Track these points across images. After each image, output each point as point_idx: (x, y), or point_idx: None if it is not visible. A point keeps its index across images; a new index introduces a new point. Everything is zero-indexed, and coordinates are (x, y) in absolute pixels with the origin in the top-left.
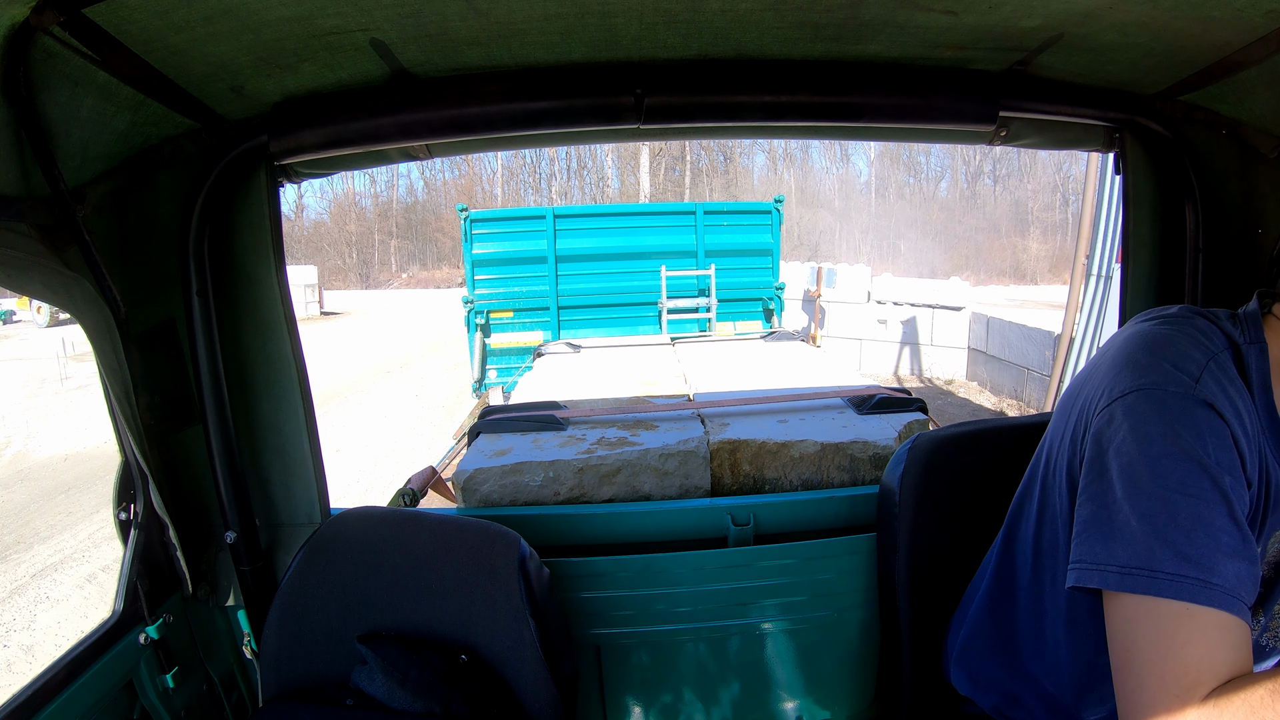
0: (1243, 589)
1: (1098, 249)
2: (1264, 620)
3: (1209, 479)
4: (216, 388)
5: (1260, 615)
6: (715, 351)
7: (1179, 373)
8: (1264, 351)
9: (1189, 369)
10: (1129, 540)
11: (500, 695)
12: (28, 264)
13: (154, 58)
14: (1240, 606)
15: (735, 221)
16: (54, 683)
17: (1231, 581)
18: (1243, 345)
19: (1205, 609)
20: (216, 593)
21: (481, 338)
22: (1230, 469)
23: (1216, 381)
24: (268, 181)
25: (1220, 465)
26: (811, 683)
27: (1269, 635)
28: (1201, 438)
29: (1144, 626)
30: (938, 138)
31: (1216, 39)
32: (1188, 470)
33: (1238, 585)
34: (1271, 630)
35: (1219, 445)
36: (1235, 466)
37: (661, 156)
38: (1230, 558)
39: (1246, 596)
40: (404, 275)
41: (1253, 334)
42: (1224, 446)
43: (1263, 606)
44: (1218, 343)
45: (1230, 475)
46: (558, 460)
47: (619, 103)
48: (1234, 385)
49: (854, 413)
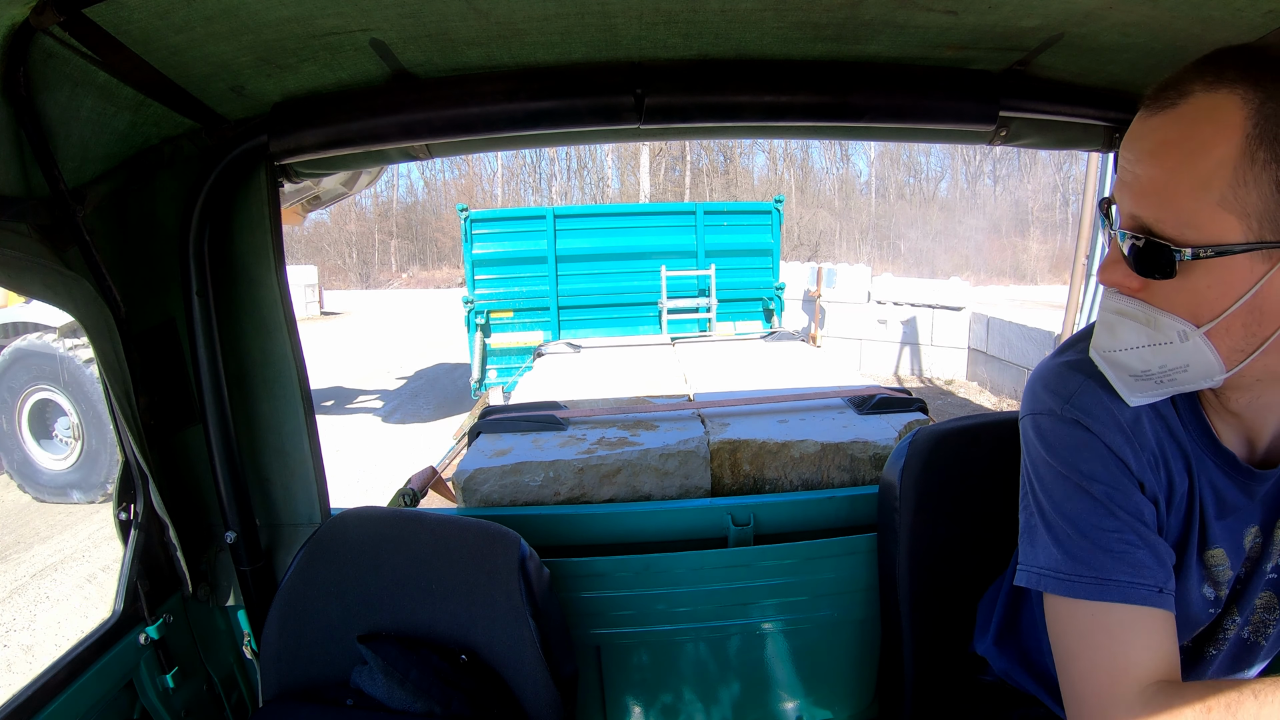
0: (1146, 576)
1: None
2: (1242, 616)
3: (1082, 489)
4: (216, 388)
5: (1236, 612)
6: (715, 351)
7: (1054, 397)
8: None
9: (1062, 391)
10: (1043, 545)
11: (500, 695)
12: (28, 264)
13: (154, 58)
14: (1146, 594)
15: (735, 221)
16: (54, 683)
17: (1128, 575)
18: None
19: (1115, 605)
20: (216, 593)
21: (481, 338)
22: (1103, 477)
23: (1092, 397)
24: (268, 181)
25: (1093, 476)
26: (812, 683)
27: (1250, 629)
28: (1074, 452)
29: (1064, 623)
30: (938, 138)
31: (1216, 39)
32: (1066, 484)
33: (1136, 577)
34: (1254, 625)
35: (1089, 457)
36: (1111, 473)
37: (661, 156)
38: (1118, 556)
39: (1151, 582)
40: (404, 275)
41: None
42: (1095, 457)
43: (1238, 603)
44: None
45: (1103, 482)
46: (558, 460)
47: (619, 103)
48: (1117, 399)
49: (854, 413)
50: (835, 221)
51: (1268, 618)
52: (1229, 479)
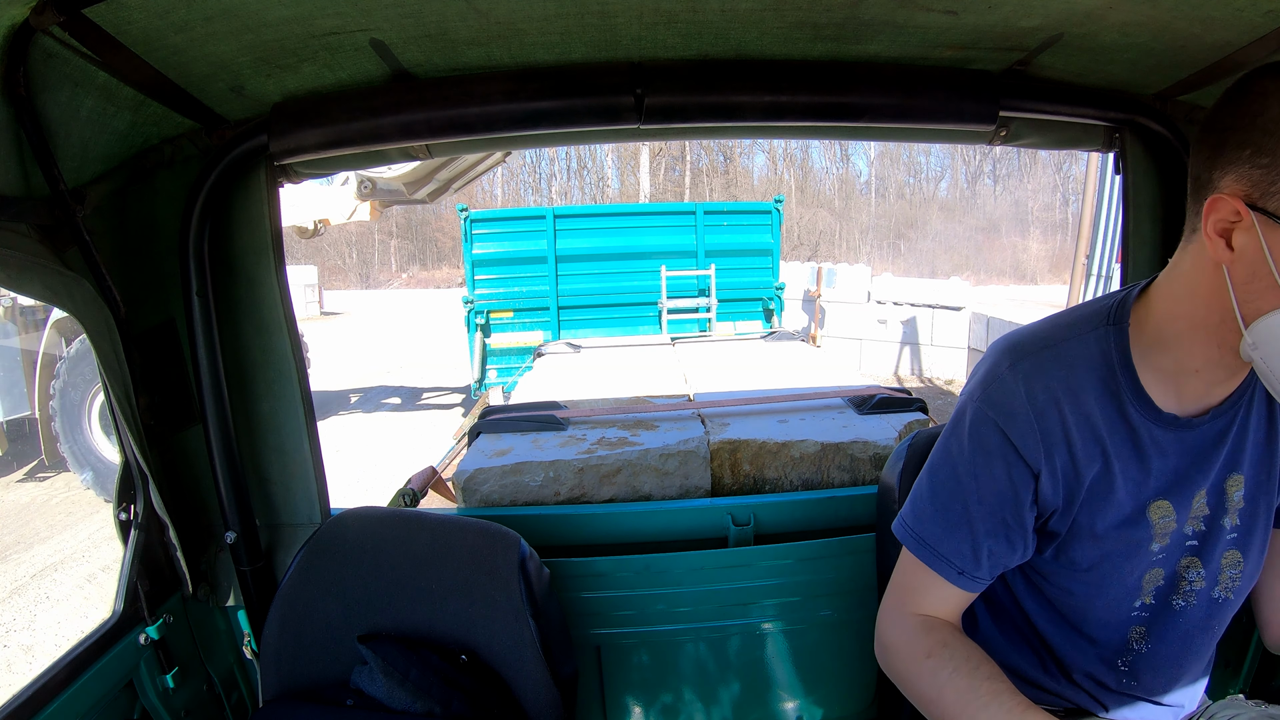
0: (956, 560)
1: (1098, 249)
2: (1209, 574)
3: (955, 479)
4: (216, 388)
5: (1201, 567)
6: (715, 351)
7: (968, 393)
8: (1123, 332)
9: (972, 388)
10: (915, 494)
11: (500, 695)
12: (28, 264)
13: (154, 58)
14: (947, 572)
15: (735, 221)
16: (54, 683)
17: (946, 550)
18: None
19: (924, 566)
20: (216, 593)
21: (481, 338)
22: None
23: (1002, 390)
24: (267, 182)
25: (973, 464)
26: (812, 683)
27: (1221, 589)
28: (960, 441)
29: (902, 552)
30: (938, 138)
31: (1216, 39)
32: (949, 459)
33: (950, 555)
34: (1223, 584)
35: (975, 448)
36: (992, 465)
37: (661, 156)
38: (949, 530)
39: (958, 565)
40: (404, 275)
41: (1115, 316)
42: (984, 450)
43: (1203, 560)
44: (1030, 353)
45: (980, 472)
46: (558, 460)
47: (619, 103)
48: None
49: (854, 413)
50: (835, 221)
51: (1235, 573)
52: (1167, 432)
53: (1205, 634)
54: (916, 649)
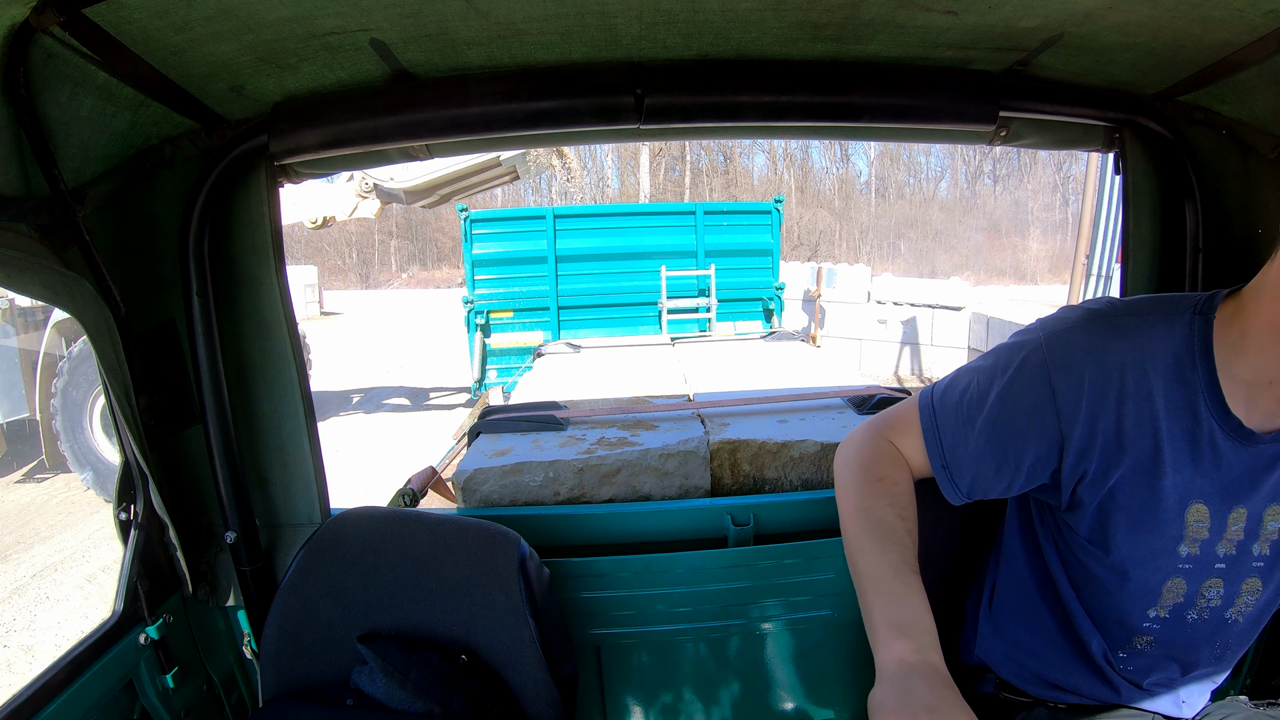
0: (952, 455)
1: (1098, 249)
2: (1226, 593)
3: (987, 392)
4: (216, 388)
5: (1221, 588)
6: (715, 351)
7: (1040, 325)
8: (1208, 323)
9: (1047, 325)
10: (947, 380)
11: (500, 695)
12: (28, 264)
13: (154, 58)
14: (935, 457)
15: (735, 221)
16: (54, 683)
17: (948, 442)
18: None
19: (923, 444)
20: (216, 593)
21: (481, 338)
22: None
23: (1069, 340)
24: (267, 182)
25: (1008, 389)
26: (812, 683)
27: (1234, 611)
28: (1010, 364)
29: (909, 408)
30: (938, 138)
31: (1216, 39)
32: (993, 372)
33: (951, 448)
34: (1237, 607)
35: (1017, 377)
36: (1020, 401)
37: (661, 156)
38: (961, 426)
39: (943, 459)
40: (404, 275)
41: (1204, 307)
42: (1025, 385)
43: (1226, 582)
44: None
45: (1008, 403)
46: (558, 460)
47: (619, 103)
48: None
49: (854, 413)
50: (835, 221)
51: (1250, 599)
52: (1228, 439)
53: (1209, 647)
54: (877, 467)
